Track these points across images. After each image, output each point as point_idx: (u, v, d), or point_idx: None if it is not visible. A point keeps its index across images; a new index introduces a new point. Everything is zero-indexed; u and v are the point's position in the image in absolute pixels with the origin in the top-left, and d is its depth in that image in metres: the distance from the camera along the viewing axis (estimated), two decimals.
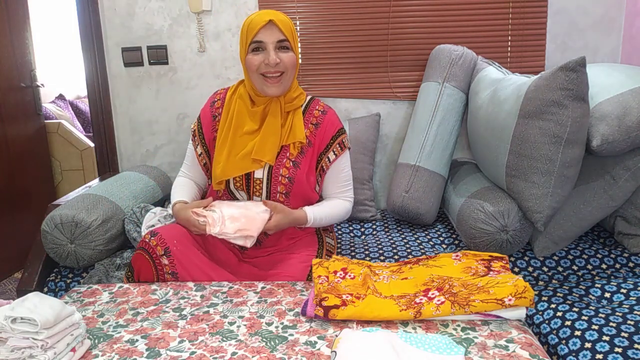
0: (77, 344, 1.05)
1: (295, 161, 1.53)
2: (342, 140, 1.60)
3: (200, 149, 1.61)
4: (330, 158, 1.58)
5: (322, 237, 1.63)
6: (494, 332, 1.08)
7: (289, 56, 1.48)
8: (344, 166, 1.62)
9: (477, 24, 2.19)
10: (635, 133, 1.44)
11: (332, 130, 1.58)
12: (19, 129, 3.01)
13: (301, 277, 1.48)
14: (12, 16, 2.94)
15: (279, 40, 1.46)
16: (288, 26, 1.49)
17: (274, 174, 1.51)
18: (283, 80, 1.50)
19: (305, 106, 1.59)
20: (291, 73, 1.51)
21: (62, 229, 1.67)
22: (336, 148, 1.58)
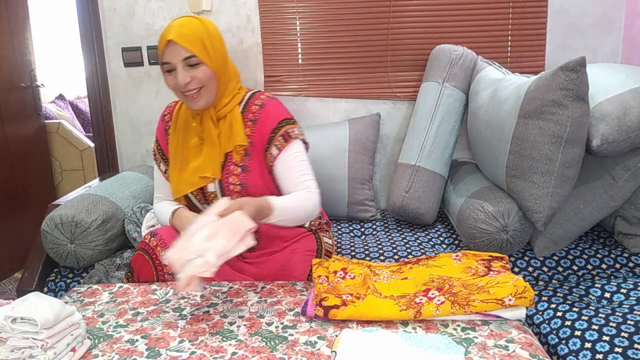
0: (77, 344, 1.05)
1: (243, 165, 1.45)
2: (287, 131, 1.45)
3: (163, 166, 1.56)
4: (273, 153, 1.44)
5: (319, 237, 1.62)
6: (494, 332, 1.08)
7: (200, 71, 1.37)
8: (294, 158, 1.46)
9: (477, 24, 2.19)
10: (635, 133, 1.44)
11: (272, 123, 1.44)
12: (19, 129, 3.01)
13: (301, 277, 1.48)
14: (12, 16, 2.94)
15: (185, 58, 1.36)
16: (194, 39, 1.36)
17: (225, 184, 1.45)
18: (203, 95, 1.41)
19: (245, 104, 1.48)
20: (211, 84, 1.40)
21: (62, 229, 1.67)
22: (279, 141, 1.44)
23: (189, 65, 1.37)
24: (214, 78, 1.40)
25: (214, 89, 1.42)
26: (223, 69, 1.43)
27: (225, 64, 1.44)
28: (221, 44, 1.44)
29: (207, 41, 1.38)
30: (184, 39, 1.35)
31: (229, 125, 1.45)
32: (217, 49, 1.40)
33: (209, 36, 1.39)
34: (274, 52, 2.27)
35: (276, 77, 2.30)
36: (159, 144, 1.57)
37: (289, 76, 2.29)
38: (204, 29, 1.39)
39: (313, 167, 2.05)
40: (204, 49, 1.37)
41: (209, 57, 1.38)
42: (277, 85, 2.30)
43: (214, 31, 1.42)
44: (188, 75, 1.37)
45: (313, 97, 2.31)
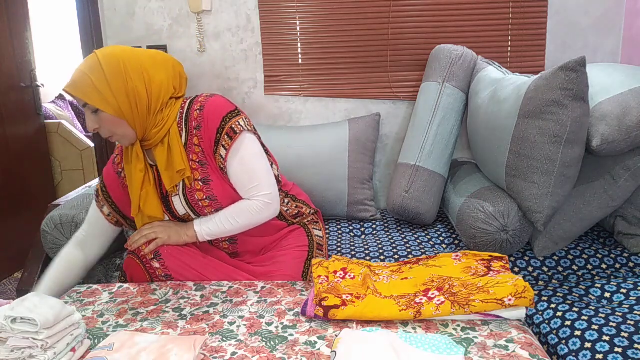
0: (77, 344, 1.05)
1: (203, 178, 1.38)
2: (231, 127, 1.35)
3: (107, 209, 1.49)
4: (222, 154, 1.36)
5: (309, 230, 1.60)
6: (494, 332, 1.08)
7: (101, 118, 1.29)
8: (244, 158, 1.38)
9: (477, 24, 2.19)
10: (635, 133, 1.44)
11: (215, 122, 1.35)
12: (19, 129, 3.01)
13: (295, 274, 1.48)
14: (12, 16, 2.94)
15: (84, 105, 1.29)
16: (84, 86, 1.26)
17: (193, 203, 1.40)
18: (118, 140, 1.35)
19: (186, 114, 1.38)
20: (121, 129, 1.32)
21: (62, 229, 1.67)
22: (225, 141, 1.35)
23: (92, 112, 1.30)
24: (120, 121, 1.30)
25: (127, 130, 1.32)
26: (131, 108, 1.30)
27: (134, 101, 1.30)
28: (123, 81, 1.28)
29: (100, 85, 1.26)
30: (74, 87, 1.27)
31: (167, 150, 1.35)
32: (115, 90, 1.27)
33: (101, 78, 1.26)
34: (274, 52, 2.27)
35: (276, 77, 2.30)
36: (105, 186, 1.49)
37: (289, 76, 2.29)
38: (98, 70, 1.27)
39: (313, 167, 2.06)
40: (97, 95, 1.26)
41: (105, 103, 1.27)
42: (277, 85, 2.30)
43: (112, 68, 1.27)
44: (94, 121, 1.30)
45: (313, 97, 2.31)
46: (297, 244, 1.54)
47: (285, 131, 2.16)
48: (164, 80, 1.34)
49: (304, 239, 1.57)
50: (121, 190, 1.48)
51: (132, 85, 1.29)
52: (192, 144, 1.38)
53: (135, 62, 1.31)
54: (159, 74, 1.34)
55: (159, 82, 1.33)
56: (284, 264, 1.48)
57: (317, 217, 1.67)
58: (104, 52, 1.31)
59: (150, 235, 1.38)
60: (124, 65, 1.29)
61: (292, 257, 1.50)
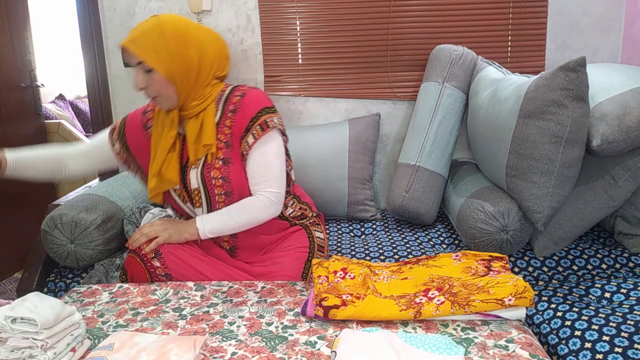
0: (77, 344, 1.05)
1: (225, 158, 1.41)
2: (265, 120, 1.40)
3: (118, 146, 1.53)
4: (249, 142, 1.39)
5: (311, 232, 1.60)
6: (494, 332, 1.08)
7: (152, 78, 1.33)
8: (267, 153, 1.41)
9: (477, 24, 2.19)
10: (635, 133, 1.44)
11: (252, 111, 1.40)
12: (19, 129, 3.01)
13: (295, 275, 1.48)
14: (12, 16, 2.94)
15: (138, 63, 1.33)
16: (144, 44, 1.31)
17: (207, 179, 1.41)
18: (160, 102, 1.39)
19: (226, 97, 1.45)
20: (167, 92, 1.36)
21: (62, 229, 1.67)
22: (256, 130, 1.39)
23: (145, 70, 1.33)
24: (169, 85, 1.34)
25: (172, 95, 1.37)
26: (183, 74, 1.35)
27: (186, 68, 1.35)
28: (182, 47, 1.33)
29: (160, 46, 1.31)
30: (134, 44, 1.31)
31: (200, 124, 1.40)
32: (174, 54, 1.32)
33: (163, 40, 1.31)
34: (274, 52, 2.27)
35: (276, 77, 2.30)
36: (124, 129, 1.53)
37: (289, 76, 2.29)
38: (160, 33, 1.31)
39: (313, 167, 2.06)
40: (155, 55, 1.31)
41: (161, 64, 1.31)
42: (277, 85, 2.30)
43: (174, 34, 1.32)
44: (143, 80, 1.34)
45: (313, 97, 2.31)
46: (297, 244, 1.55)
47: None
48: (215, 56, 1.41)
49: (305, 239, 1.57)
50: (141, 140, 1.51)
51: (187, 53, 1.34)
52: (224, 125, 1.42)
53: (194, 33, 1.36)
54: (212, 49, 1.40)
55: (211, 56, 1.39)
56: (284, 264, 1.49)
57: (318, 220, 1.68)
58: (166, 17, 1.36)
59: (151, 234, 1.39)
60: (184, 32, 1.34)
61: (292, 258, 1.50)
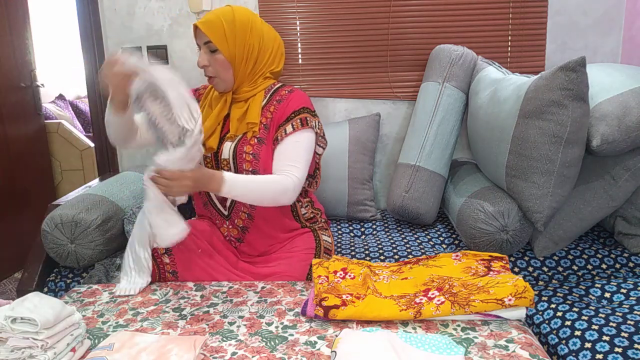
0: (77, 344, 1.05)
1: (260, 137, 1.48)
2: (306, 117, 1.49)
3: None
4: (287, 130, 1.47)
5: (318, 235, 1.62)
6: (494, 332, 1.08)
7: (217, 58, 1.46)
8: (300, 143, 1.49)
9: (477, 24, 2.19)
10: (635, 133, 1.44)
11: (296, 105, 1.50)
12: (19, 129, 3.01)
13: (301, 276, 1.48)
14: (12, 16, 2.94)
15: (205, 43, 1.46)
16: (215, 26, 1.44)
17: (239, 152, 1.48)
18: (216, 83, 1.50)
19: (275, 89, 1.54)
20: (226, 74, 1.48)
21: (62, 229, 1.67)
22: (296, 122, 1.48)
23: (210, 50, 1.45)
24: (229, 67, 1.46)
25: (229, 78, 1.48)
26: (243, 59, 1.47)
27: (247, 55, 1.47)
28: (247, 36, 1.46)
29: (228, 30, 1.44)
30: (206, 25, 1.43)
31: (245, 107, 1.50)
32: (239, 40, 1.45)
33: (232, 26, 1.44)
34: None
35: None
36: None
37: (289, 76, 2.29)
38: (230, 19, 1.44)
39: None
40: (223, 38, 1.44)
41: (226, 46, 1.44)
42: None
43: (242, 22, 1.46)
44: (207, 59, 1.46)
45: (313, 97, 2.31)
46: (304, 246, 1.56)
47: None
48: (273, 50, 1.53)
49: (312, 242, 1.59)
50: None
51: (251, 42, 1.47)
52: (267, 110, 1.51)
53: (259, 26, 1.50)
54: (271, 44, 1.52)
55: (269, 49, 1.52)
56: (290, 265, 1.49)
57: (326, 226, 1.70)
58: (238, 8, 1.50)
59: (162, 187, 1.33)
60: (252, 23, 1.48)
61: (297, 259, 1.51)
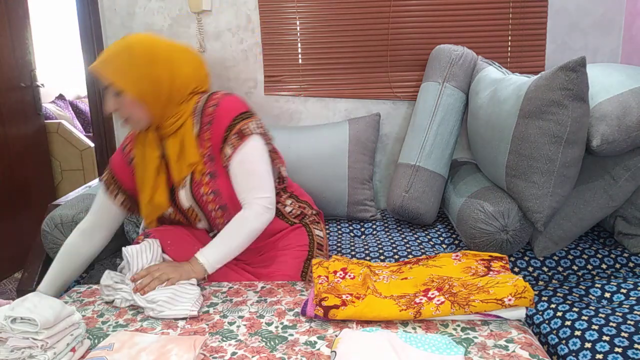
0: (77, 343, 1.05)
1: (211, 171, 1.38)
2: (241, 129, 1.35)
3: (121, 196, 1.48)
4: (227, 152, 1.36)
5: (311, 230, 1.59)
6: (493, 332, 1.08)
7: (122, 101, 1.31)
8: (246, 160, 1.37)
9: (477, 24, 2.19)
10: (635, 133, 1.44)
11: (226, 120, 1.36)
12: (19, 129, 3.01)
13: (295, 274, 1.47)
14: (12, 16, 2.95)
15: (106, 86, 1.31)
16: (112, 67, 1.29)
17: (197, 197, 1.40)
18: (132, 124, 1.37)
19: (201, 108, 1.39)
20: (138, 113, 1.33)
21: (62, 229, 1.67)
22: (233, 140, 1.35)
23: (115, 93, 1.31)
24: (140, 106, 1.32)
25: (143, 115, 1.34)
26: (153, 95, 1.31)
27: (157, 89, 1.31)
28: (152, 68, 1.30)
29: (128, 68, 1.28)
30: (102, 67, 1.29)
31: (180, 142, 1.37)
32: (143, 75, 1.29)
33: (132, 62, 1.28)
34: (274, 52, 2.27)
35: (276, 77, 2.30)
36: (115, 175, 1.48)
37: (289, 76, 2.29)
38: (128, 55, 1.29)
39: (313, 167, 2.05)
40: (124, 77, 1.28)
41: (130, 86, 1.29)
42: (277, 85, 2.31)
43: (143, 55, 1.30)
44: (114, 103, 1.32)
45: (313, 97, 2.31)
46: (297, 243, 1.54)
47: (285, 131, 2.16)
48: (189, 75, 1.37)
49: (305, 238, 1.56)
50: (132, 179, 1.47)
51: (157, 73, 1.30)
52: (203, 138, 1.38)
53: (165, 52, 1.33)
54: (186, 67, 1.36)
55: (184, 75, 1.36)
56: (284, 263, 1.49)
57: (318, 218, 1.67)
58: (135, 37, 1.33)
59: (163, 277, 1.29)
60: (154, 52, 1.31)
61: (291, 257, 1.50)
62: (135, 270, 1.31)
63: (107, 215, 1.50)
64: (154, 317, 1.21)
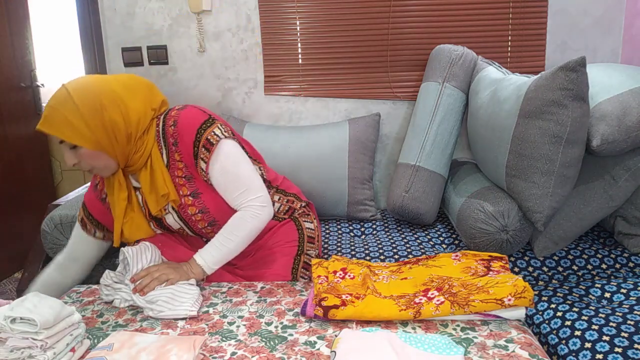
0: (77, 344, 1.05)
1: (192, 192, 1.36)
2: (207, 138, 1.30)
3: (100, 233, 1.46)
4: (202, 167, 1.32)
5: (300, 223, 1.56)
6: (493, 332, 1.08)
7: (81, 154, 1.26)
8: (227, 164, 1.33)
9: (477, 24, 2.19)
10: (635, 133, 1.44)
11: (190, 136, 1.30)
12: (19, 129, 3.01)
13: (285, 271, 1.47)
14: (12, 16, 2.95)
15: (61, 142, 1.26)
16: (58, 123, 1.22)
17: (186, 218, 1.39)
18: (99, 172, 1.33)
19: (162, 131, 1.34)
20: (101, 162, 1.28)
21: (62, 229, 1.67)
22: (203, 154, 1.31)
23: (70, 147, 1.26)
24: (100, 154, 1.27)
25: (107, 161, 1.29)
26: (111, 140, 1.26)
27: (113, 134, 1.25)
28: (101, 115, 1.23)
29: (76, 121, 1.21)
30: (47, 125, 1.23)
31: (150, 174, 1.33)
32: (93, 125, 1.22)
33: (78, 114, 1.21)
34: (274, 52, 2.27)
35: (276, 77, 2.30)
36: (91, 214, 1.44)
37: (289, 76, 2.29)
38: (72, 107, 1.21)
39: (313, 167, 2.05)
40: (73, 132, 1.22)
41: (83, 139, 1.23)
42: (277, 85, 2.31)
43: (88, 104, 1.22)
44: (72, 157, 1.27)
45: (313, 97, 2.31)
46: (285, 239, 1.52)
47: (285, 131, 2.16)
48: (140, 107, 1.30)
49: (294, 233, 1.54)
50: (108, 215, 1.43)
51: (108, 117, 1.24)
52: (175, 160, 1.34)
53: (109, 92, 1.25)
54: (135, 100, 1.29)
55: (136, 109, 1.28)
56: (273, 263, 1.47)
57: (308, 210, 1.63)
58: (74, 86, 1.25)
59: (162, 277, 1.28)
60: (98, 97, 1.24)
61: (280, 254, 1.49)
62: (135, 270, 1.31)
63: (84, 249, 1.47)
64: (153, 317, 1.21)
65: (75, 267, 1.47)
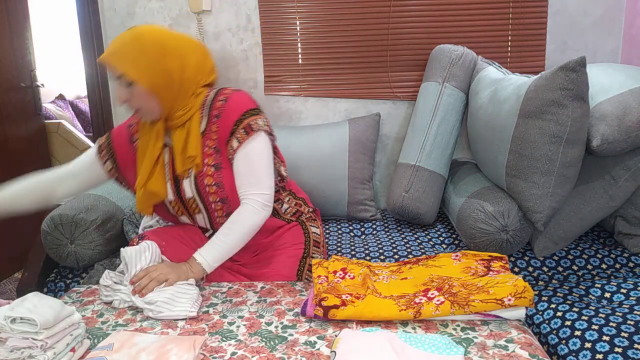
0: (77, 344, 1.05)
1: (216, 164, 1.39)
2: (249, 123, 1.37)
3: (110, 164, 1.48)
4: (233, 146, 1.37)
5: (307, 227, 1.58)
6: (493, 332, 1.08)
7: (135, 91, 1.30)
8: (252, 154, 1.37)
9: (477, 24, 2.19)
10: (635, 133, 1.44)
11: (235, 115, 1.37)
12: (19, 129, 3.01)
13: (291, 273, 1.47)
14: (12, 16, 2.94)
15: (118, 77, 1.30)
16: (124, 57, 1.28)
17: (201, 187, 1.39)
18: (143, 114, 1.36)
19: (210, 103, 1.40)
20: (149, 104, 1.32)
21: (62, 229, 1.67)
22: (240, 134, 1.36)
23: (126, 84, 1.30)
24: (152, 97, 1.31)
25: (155, 106, 1.33)
26: (165, 86, 1.31)
27: (168, 80, 1.31)
28: (163, 59, 1.29)
29: (140, 59, 1.28)
30: (113, 57, 1.29)
31: (185, 135, 1.38)
32: (155, 67, 1.29)
33: (143, 53, 1.28)
34: (274, 52, 2.27)
35: (276, 77, 2.30)
36: (112, 144, 1.48)
37: (289, 76, 2.29)
38: (139, 45, 1.28)
39: (313, 167, 2.06)
40: (136, 68, 1.28)
41: (142, 76, 1.28)
42: (277, 85, 2.30)
43: (154, 46, 1.29)
44: (125, 93, 1.31)
45: (313, 97, 2.31)
46: (292, 241, 1.53)
47: (285, 131, 2.16)
48: (198, 65, 1.37)
49: (300, 236, 1.56)
50: (129, 155, 1.47)
51: (168, 65, 1.30)
52: (211, 130, 1.39)
53: (174, 43, 1.32)
54: (194, 58, 1.36)
55: (194, 66, 1.35)
56: (279, 263, 1.48)
57: (314, 215, 1.66)
58: (145, 29, 1.32)
59: (161, 278, 1.29)
60: (164, 44, 1.30)
61: (286, 256, 1.50)
62: (134, 272, 1.31)
63: (87, 170, 1.50)
64: (153, 317, 1.21)
65: (69, 183, 1.49)
